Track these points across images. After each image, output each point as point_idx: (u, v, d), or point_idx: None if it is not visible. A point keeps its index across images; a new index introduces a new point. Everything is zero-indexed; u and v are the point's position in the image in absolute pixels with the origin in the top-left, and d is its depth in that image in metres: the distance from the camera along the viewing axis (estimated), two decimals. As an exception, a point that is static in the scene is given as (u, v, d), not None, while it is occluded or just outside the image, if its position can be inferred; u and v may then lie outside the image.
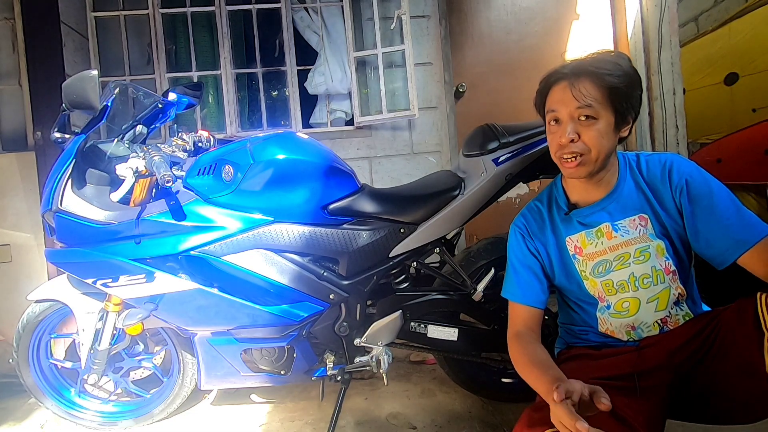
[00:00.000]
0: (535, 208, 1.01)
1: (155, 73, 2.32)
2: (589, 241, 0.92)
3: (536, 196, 1.03)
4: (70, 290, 1.34)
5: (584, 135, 0.82)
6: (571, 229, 0.94)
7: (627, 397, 0.78)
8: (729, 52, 2.51)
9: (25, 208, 1.99)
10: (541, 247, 0.97)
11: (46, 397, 1.46)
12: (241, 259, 1.17)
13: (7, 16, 2.10)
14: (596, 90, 0.82)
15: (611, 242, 0.90)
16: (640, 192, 0.89)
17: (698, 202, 0.83)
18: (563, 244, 0.95)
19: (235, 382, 1.31)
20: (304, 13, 2.40)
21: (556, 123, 0.87)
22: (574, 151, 0.83)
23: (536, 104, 0.94)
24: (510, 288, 0.99)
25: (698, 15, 3.10)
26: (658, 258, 0.87)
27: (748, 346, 0.73)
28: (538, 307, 0.97)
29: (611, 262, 0.90)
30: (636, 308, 0.89)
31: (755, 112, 2.31)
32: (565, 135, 0.83)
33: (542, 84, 0.90)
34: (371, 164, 2.36)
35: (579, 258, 0.93)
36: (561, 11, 2.60)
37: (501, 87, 2.55)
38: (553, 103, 0.86)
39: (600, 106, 0.82)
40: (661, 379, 0.82)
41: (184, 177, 1.22)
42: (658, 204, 0.88)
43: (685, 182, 0.85)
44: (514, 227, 1.01)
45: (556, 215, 0.97)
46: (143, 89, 1.41)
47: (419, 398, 1.55)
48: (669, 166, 0.87)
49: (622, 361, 0.85)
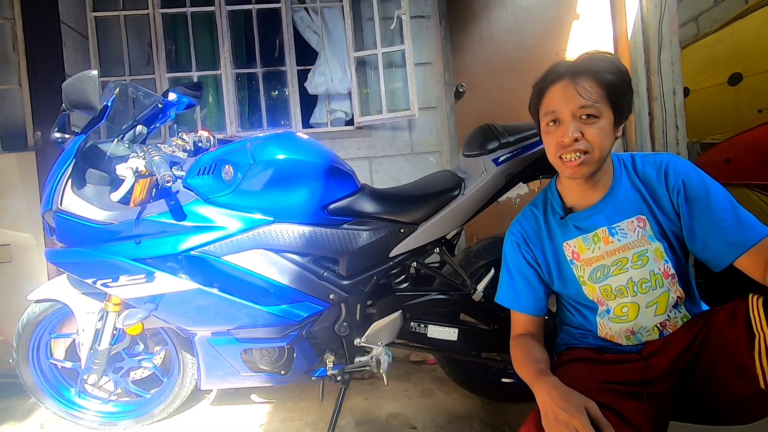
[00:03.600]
0: (530, 213, 1.00)
1: (155, 73, 2.32)
2: (586, 246, 0.91)
3: (531, 202, 1.02)
4: (70, 290, 1.34)
5: (587, 133, 0.81)
6: (567, 234, 0.93)
7: (634, 401, 0.78)
8: (732, 53, 2.51)
9: (25, 208, 1.99)
10: (538, 254, 0.96)
11: (46, 397, 1.47)
12: (241, 259, 1.17)
13: (7, 16, 2.10)
14: (597, 88, 0.81)
15: (608, 247, 0.89)
16: (637, 193, 0.88)
17: (695, 204, 0.82)
18: (560, 250, 0.94)
19: (235, 382, 1.31)
20: (304, 13, 2.40)
21: (555, 124, 0.85)
22: (578, 149, 0.81)
23: (531, 107, 0.92)
24: (505, 295, 0.99)
25: (698, 15, 3.10)
26: (657, 262, 0.86)
27: (740, 348, 0.73)
28: (537, 314, 0.97)
29: (609, 267, 0.89)
30: (635, 313, 0.88)
31: (761, 113, 2.31)
32: (567, 134, 0.81)
33: (538, 86, 0.88)
34: (371, 164, 2.36)
35: (577, 263, 0.92)
36: (561, 11, 2.60)
37: (501, 87, 2.55)
38: (553, 103, 0.84)
39: (601, 104, 0.81)
40: (665, 386, 0.82)
41: (184, 177, 1.22)
42: (655, 205, 0.87)
43: (682, 183, 0.83)
44: (510, 235, 1.00)
45: (551, 220, 0.96)
46: (143, 89, 1.41)
47: (419, 398, 1.55)
48: (665, 166, 0.86)
49: (629, 370, 0.85)
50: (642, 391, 0.80)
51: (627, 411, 0.74)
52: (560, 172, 0.89)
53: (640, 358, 0.87)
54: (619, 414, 0.74)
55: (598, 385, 0.80)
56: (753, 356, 0.71)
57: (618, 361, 0.88)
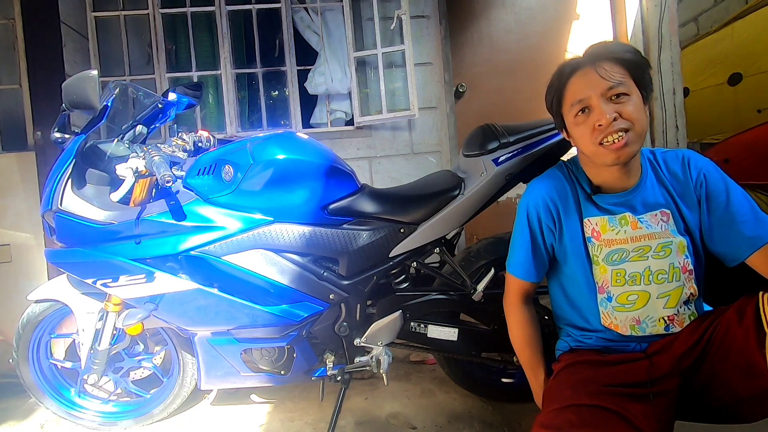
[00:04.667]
0: (556, 179, 0.95)
1: (155, 73, 2.32)
2: (611, 227, 0.89)
3: (549, 169, 0.98)
4: (70, 290, 1.34)
5: (623, 111, 0.79)
6: (591, 211, 0.91)
7: (640, 404, 0.78)
8: (732, 53, 2.51)
9: (25, 208, 1.99)
10: (556, 216, 0.93)
11: (46, 397, 1.46)
12: (241, 259, 1.17)
13: (7, 16, 2.10)
14: (619, 67, 0.80)
15: (635, 232, 0.87)
16: (662, 187, 0.88)
17: (715, 197, 0.84)
18: (580, 224, 0.92)
19: (235, 382, 1.31)
20: (304, 13, 2.40)
21: (584, 112, 0.82)
22: (619, 128, 0.79)
23: (551, 105, 0.90)
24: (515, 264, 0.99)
25: (698, 15, 3.10)
26: (678, 255, 0.86)
27: (749, 346, 0.73)
28: (536, 281, 0.98)
29: (629, 252, 0.87)
30: (644, 302, 0.87)
31: (761, 113, 2.31)
32: (604, 116, 0.79)
33: (556, 81, 0.87)
34: (371, 164, 2.36)
35: (595, 242, 0.90)
36: (561, 11, 2.60)
37: (501, 87, 2.55)
38: (579, 92, 0.82)
39: (627, 82, 0.80)
40: (671, 384, 0.82)
41: (184, 177, 1.22)
42: (680, 199, 0.87)
43: (704, 177, 0.85)
44: (528, 196, 0.95)
45: (579, 192, 0.93)
46: (143, 89, 1.41)
47: (419, 398, 1.55)
48: (687, 160, 0.87)
49: (634, 369, 0.85)
50: (648, 392, 0.80)
51: (634, 415, 0.74)
52: (602, 161, 0.84)
53: (644, 356, 0.87)
54: (626, 419, 0.73)
55: (603, 389, 0.79)
56: (763, 354, 0.71)
57: (622, 361, 0.87)
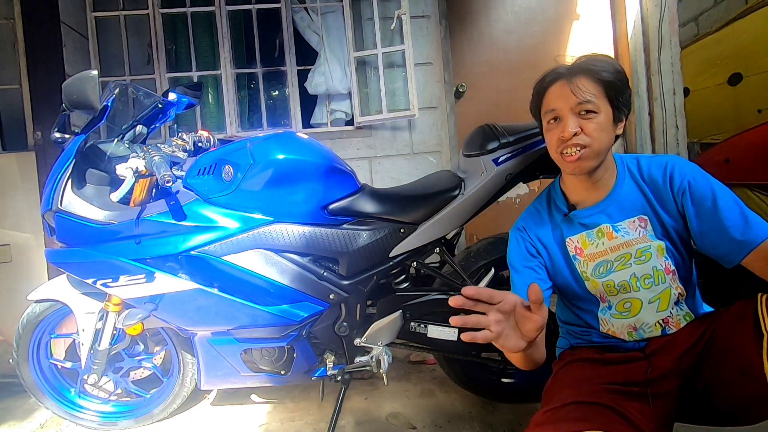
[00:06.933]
0: (534, 210, 1.02)
1: (155, 73, 2.32)
2: (590, 241, 0.92)
3: (534, 200, 1.04)
4: (70, 290, 1.34)
5: (585, 128, 0.84)
6: (571, 230, 0.95)
7: (639, 403, 0.78)
8: (732, 53, 2.51)
9: (25, 208, 1.99)
10: (541, 247, 0.98)
11: (46, 397, 1.47)
12: (241, 259, 1.17)
13: (7, 16, 2.10)
14: (593, 85, 0.84)
15: (612, 242, 0.90)
16: (640, 193, 0.90)
17: (702, 204, 0.84)
18: (564, 245, 0.95)
19: (235, 382, 1.31)
20: (304, 13, 2.40)
21: (555, 121, 0.88)
22: (577, 143, 0.84)
23: (532, 108, 0.95)
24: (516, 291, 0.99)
25: (698, 15, 3.09)
26: (659, 258, 0.88)
27: (748, 348, 0.73)
28: None
29: (612, 262, 0.90)
30: (638, 309, 0.89)
31: (761, 113, 2.31)
32: (567, 129, 0.84)
33: (537, 87, 0.92)
34: (371, 164, 2.36)
35: (580, 259, 0.93)
36: (561, 11, 2.60)
37: (501, 87, 2.55)
38: (552, 102, 0.87)
39: (599, 100, 0.84)
40: (670, 385, 0.82)
41: (184, 177, 1.22)
42: (659, 205, 0.88)
43: (688, 184, 0.85)
44: (515, 230, 1.02)
45: (556, 216, 0.98)
46: (143, 89, 1.41)
47: (419, 398, 1.55)
48: (671, 168, 0.88)
49: (633, 369, 0.85)
50: (646, 392, 0.80)
51: (630, 413, 0.74)
52: (562, 168, 0.91)
53: (643, 356, 0.87)
54: (622, 415, 0.74)
55: (601, 387, 0.80)
56: (761, 356, 0.71)
57: (621, 361, 0.88)
